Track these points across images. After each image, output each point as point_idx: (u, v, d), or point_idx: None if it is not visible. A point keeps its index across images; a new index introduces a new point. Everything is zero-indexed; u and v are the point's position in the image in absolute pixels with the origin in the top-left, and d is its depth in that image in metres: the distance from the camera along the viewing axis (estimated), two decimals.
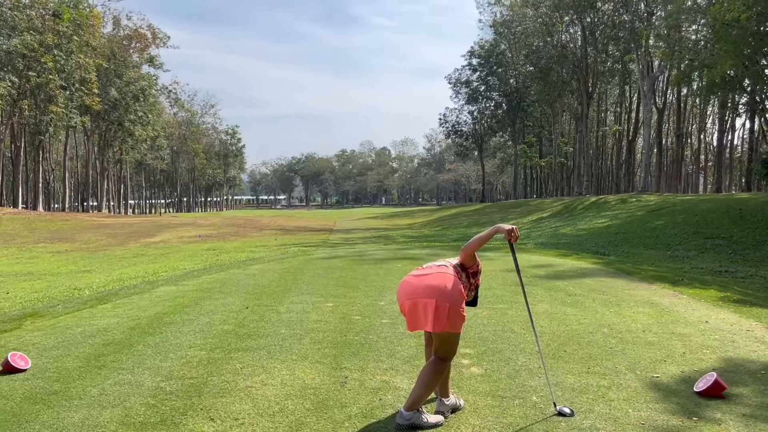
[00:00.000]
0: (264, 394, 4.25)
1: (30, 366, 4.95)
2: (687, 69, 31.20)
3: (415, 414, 3.57)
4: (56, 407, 4.03)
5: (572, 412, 3.85)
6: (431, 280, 3.70)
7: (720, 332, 5.96)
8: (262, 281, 9.79)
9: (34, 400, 4.17)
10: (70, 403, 4.12)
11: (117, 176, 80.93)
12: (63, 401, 4.15)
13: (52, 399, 4.20)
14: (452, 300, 3.60)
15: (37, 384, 4.53)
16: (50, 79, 49.41)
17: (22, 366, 4.87)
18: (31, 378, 4.68)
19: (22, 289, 13.37)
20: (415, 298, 3.68)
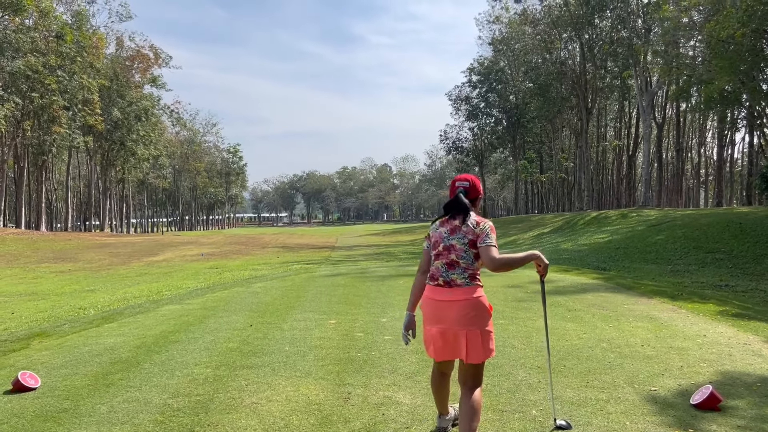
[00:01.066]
0: (269, 410, 4.34)
1: (40, 384, 5.05)
2: (685, 84, 31.50)
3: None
4: (67, 425, 4.13)
5: (569, 424, 3.92)
6: (460, 307, 3.42)
7: (718, 346, 6.05)
8: (265, 299, 9.89)
9: (45, 418, 4.27)
10: (80, 420, 4.21)
11: (119, 195, 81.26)
12: (73, 419, 4.24)
13: (62, 417, 4.29)
14: (482, 325, 3.43)
15: (47, 402, 4.62)
16: (53, 100, 49.88)
17: (32, 385, 4.97)
18: (41, 396, 4.78)
19: (27, 309, 13.48)
20: (443, 326, 3.46)
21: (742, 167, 67.71)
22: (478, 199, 3.72)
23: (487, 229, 3.47)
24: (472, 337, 3.37)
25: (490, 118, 73.80)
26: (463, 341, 3.38)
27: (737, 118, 37.65)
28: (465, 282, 3.46)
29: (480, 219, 3.56)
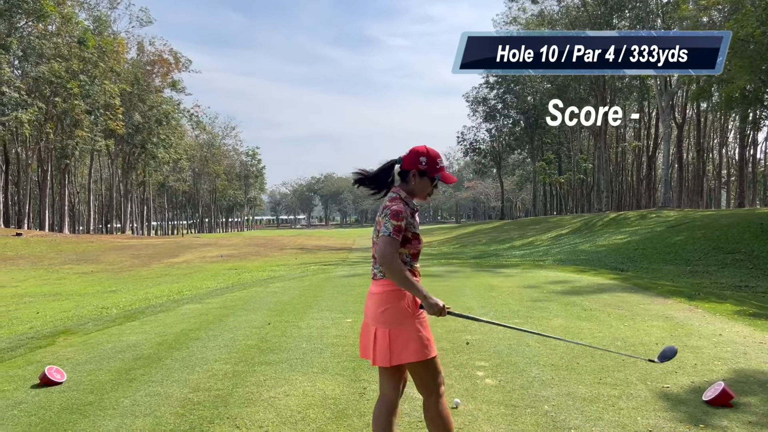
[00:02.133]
0: (287, 404, 4.46)
1: (66, 379, 5.22)
2: (705, 84, 31.18)
3: None
4: (92, 417, 4.28)
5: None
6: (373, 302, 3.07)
7: (733, 345, 6.05)
8: (283, 298, 10.03)
9: (71, 410, 4.42)
10: (104, 412, 4.36)
11: (140, 198, 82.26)
12: (98, 411, 4.39)
13: (87, 409, 4.45)
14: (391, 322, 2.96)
15: (72, 396, 4.78)
16: (76, 105, 50.67)
17: (58, 379, 5.14)
18: (67, 390, 4.94)
19: (51, 308, 13.76)
20: (365, 320, 3.16)
21: (765, 167, 66.75)
22: (411, 173, 3.07)
23: (387, 215, 2.92)
24: (379, 335, 2.95)
25: (507, 119, 73.59)
26: (372, 339, 3.03)
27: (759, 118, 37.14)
28: (381, 274, 3.03)
29: (391, 201, 3.00)
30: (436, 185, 3.09)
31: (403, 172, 3.10)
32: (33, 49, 48.78)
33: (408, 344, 2.91)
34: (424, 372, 2.99)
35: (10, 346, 6.78)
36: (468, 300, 9.34)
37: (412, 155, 3.07)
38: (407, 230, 2.96)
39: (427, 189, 3.10)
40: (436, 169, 3.07)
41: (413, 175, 3.07)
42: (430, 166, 3.06)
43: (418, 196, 3.13)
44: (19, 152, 56.27)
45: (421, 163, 3.05)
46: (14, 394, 4.90)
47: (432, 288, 10.82)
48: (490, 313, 8.03)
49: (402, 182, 3.11)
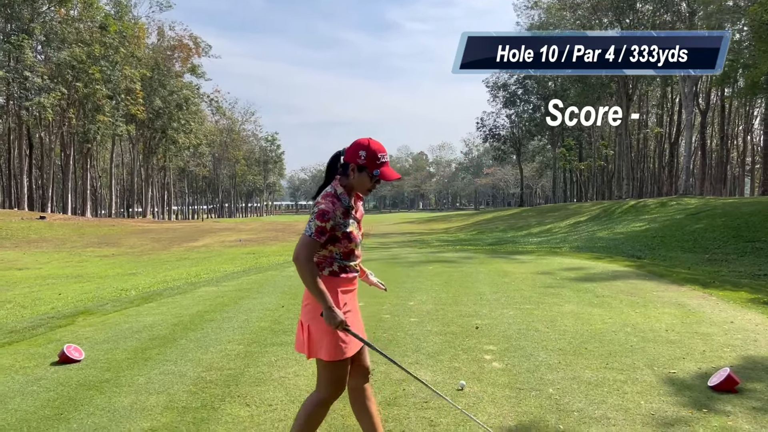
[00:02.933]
0: (296, 383, 4.57)
1: (83, 357, 5.38)
2: (729, 69, 30.62)
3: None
4: (108, 393, 4.42)
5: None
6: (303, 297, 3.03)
7: (744, 332, 6.03)
8: (297, 282, 10.14)
9: (88, 387, 4.57)
10: (120, 389, 4.50)
11: (161, 183, 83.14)
12: (114, 388, 4.54)
13: (104, 386, 4.59)
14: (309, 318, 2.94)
15: (90, 373, 4.94)
16: (97, 89, 51.24)
17: (76, 357, 5.30)
18: (85, 368, 5.10)
19: (72, 290, 14.06)
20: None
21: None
22: (351, 167, 2.93)
23: (314, 214, 2.86)
24: (303, 328, 2.96)
25: (528, 105, 73.02)
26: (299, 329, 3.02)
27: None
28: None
29: (323, 198, 2.90)
30: (377, 181, 2.92)
31: (344, 164, 2.96)
32: (55, 34, 49.36)
33: (321, 341, 2.88)
34: (325, 371, 2.95)
35: (32, 325, 6.99)
36: (481, 286, 9.39)
37: (353, 148, 2.92)
38: (335, 230, 2.87)
39: (366, 185, 2.94)
40: (376, 165, 2.89)
41: (352, 170, 2.92)
42: (370, 161, 2.88)
43: (357, 191, 3.00)
44: (43, 137, 57.20)
45: (360, 157, 2.88)
46: (34, 370, 5.07)
47: (445, 274, 10.90)
48: (501, 299, 8.07)
49: (343, 175, 2.96)
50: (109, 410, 4.06)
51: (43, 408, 4.13)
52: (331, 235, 2.87)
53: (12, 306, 11.24)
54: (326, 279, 2.89)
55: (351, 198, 2.97)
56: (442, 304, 7.75)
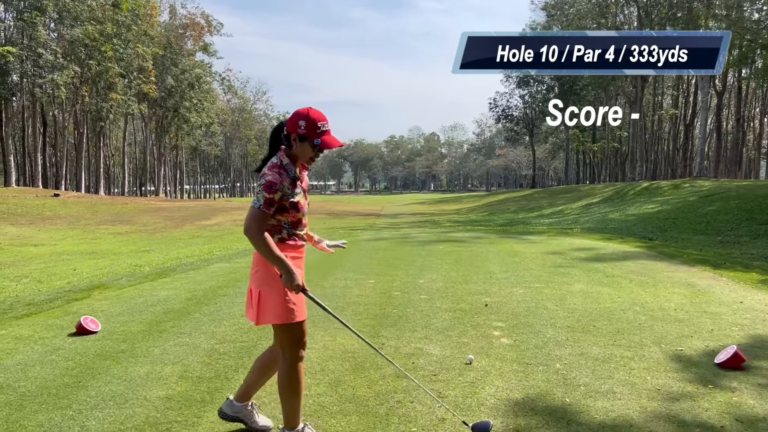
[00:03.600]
0: (308, 356, 4.62)
1: (100, 329, 5.50)
2: (747, 50, 30.15)
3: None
4: (124, 363, 4.53)
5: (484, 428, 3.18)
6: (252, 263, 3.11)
7: (753, 312, 6.05)
8: (308, 259, 10.18)
9: (105, 357, 4.69)
10: (136, 360, 4.61)
11: (173, 162, 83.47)
12: (130, 358, 4.65)
13: (120, 356, 4.71)
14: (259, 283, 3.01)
15: (106, 344, 5.06)
16: (110, 68, 51.34)
17: (93, 329, 5.43)
18: (101, 339, 5.22)
19: (87, 266, 14.26)
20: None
21: None
22: (296, 137, 2.94)
23: (261, 185, 2.88)
24: (253, 294, 3.03)
25: (541, 86, 72.33)
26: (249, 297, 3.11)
27: None
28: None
29: (269, 169, 2.92)
30: (320, 150, 2.94)
31: (286, 135, 2.97)
32: (68, 11, 49.35)
33: (273, 307, 2.94)
34: (283, 335, 3.03)
35: (49, 298, 7.13)
36: (490, 265, 9.43)
37: (293, 118, 2.94)
38: (283, 200, 2.91)
39: (308, 154, 2.97)
40: (316, 134, 2.91)
41: (294, 140, 2.94)
42: (310, 130, 2.90)
43: (301, 161, 3.03)
44: (56, 115, 57.48)
45: (300, 127, 2.90)
46: (53, 341, 5.20)
47: (454, 253, 10.95)
48: (511, 278, 8.12)
49: (287, 146, 2.98)
50: (126, 379, 4.16)
51: (62, 376, 4.25)
52: (280, 205, 2.91)
53: (29, 281, 11.45)
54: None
55: (296, 168, 3.00)
56: (451, 283, 7.81)
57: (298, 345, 3.06)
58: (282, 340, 3.05)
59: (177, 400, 3.77)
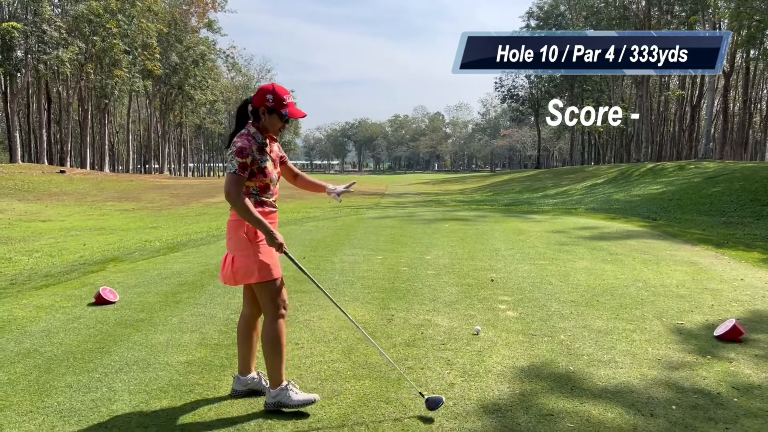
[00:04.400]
0: (320, 326, 4.83)
1: (118, 299, 5.68)
2: (755, 30, 29.93)
3: (281, 392, 3.25)
4: (144, 331, 4.71)
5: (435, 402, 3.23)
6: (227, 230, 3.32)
7: (753, 288, 6.20)
8: (317, 236, 10.41)
9: (125, 326, 4.87)
10: (155, 328, 4.79)
11: (177, 139, 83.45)
12: (149, 327, 4.83)
13: (139, 325, 4.88)
14: (233, 249, 3.25)
15: (125, 313, 5.24)
16: (114, 44, 51.15)
17: (111, 299, 5.61)
18: (120, 309, 5.40)
19: (96, 241, 14.46)
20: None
21: None
22: (260, 110, 3.20)
23: (233, 152, 3.11)
24: (228, 259, 3.26)
25: None
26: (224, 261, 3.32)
27: None
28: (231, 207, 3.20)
29: (238, 137, 3.16)
30: (287, 120, 3.21)
31: (254, 110, 3.23)
32: None
33: (249, 268, 3.17)
34: (262, 293, 3.26)
35: (65, 270, 7.32)
36: (496, 242, 9.58)
37: (259, 93, 3.19)
38: (253, 164, 3.14)
39: (277, 124, 3.23)
40: (283, 105, 3.18)
41: (262, 113, 3.19)
42: (277, 102, 3.17)
43: (270, 132, 3.27)
44: (61, 91, 57.42)
45: (267, 100, 3.17)
46: (73, 310, 5.38)
47: (460, 231, 11.10)
48: (516, 255, 8.27)
49: (255, 120, 3.24)
50: (147, 346, 4.34)
51: (85, 342, 4.43)
52: (250, 169, 3.14)
53: (40, 255, 11.64)
54: None
55: (264, 137, 3.24)
56: (458, 259, 7.97)
57: (276, 301, 3.28)
58: (262, 298, 3.28)
59: (197, 365, 3.95)
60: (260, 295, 3.28)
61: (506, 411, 3.25)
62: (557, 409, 3.27)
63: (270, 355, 3.28)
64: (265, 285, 3.23)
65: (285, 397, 3.22)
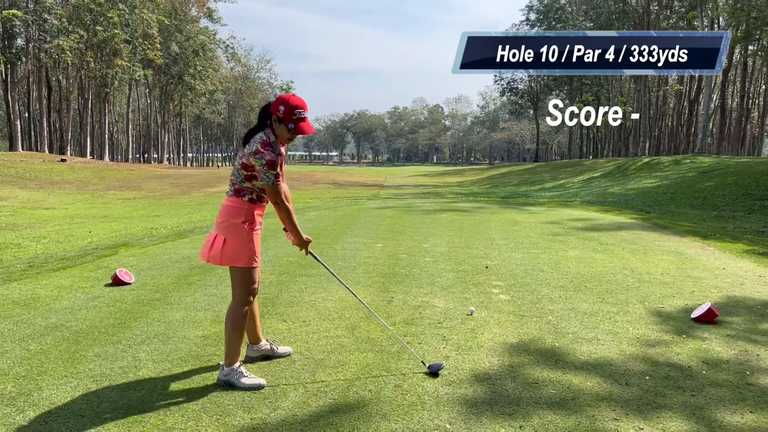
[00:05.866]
0: (325, 306, 5.17)
1: (134, 280, 6.01)
2: (751, 27, 30.19)
3: (233, 371, 3.48)
4: (160, 309, 5.05)
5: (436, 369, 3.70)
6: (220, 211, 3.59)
7: (733, 277, 6.55)
8: (318, 225, 10.75)
9: (142, 304, 5.20)
10: (170, 306, 5.13)
11: (176, 129, 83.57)
12: (165, 306, 5.16)
13: (156, 303, 5.22)
14: (225, 232, 3.47)
15: (141, 293, 5.57)
16: (115, 33, 51.29)
17: (127, 280, 5.94)
18: (136, 289, 5.74)
19: (102, 229, 14.78)
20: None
21: None
22: (276, 119, 3.43)
23: (263, 164, 3.35)
24: (217, 240, 3.47)
25: None
26: (211, 242, 3.52)
27: None
28: (230, 193, 3.53)
29: (263, 147, 3.37)
30: (292, 133, 3.42)
31: (269, 114, 3.47)
32: None
33: (237, 252, 3.44)
34: (239, 278, 3.52)
35: (80, 254, 7.65)
36: (492, 232, 9.93)
37: (276, 102, 3.42)
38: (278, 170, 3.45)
39: (284, 135, 3.46)
40: (292, 119, 3.39)
41: (274, 120, 3.44)
42: (286, 115, 3.38)
43: (280, 140, 3.51)
44: (61, 80, 57.53)
45: (279, 110, 3.39)
46: (91, 290, 5.71)
47: (457, 221, 11.45)
48: (510, 244, 8.62)
49: (269, 126, 3.49)
50: (165, 322, 4.68)
51: (107, 318, 4.77)
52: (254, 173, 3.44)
53: (48, 241, 11.96)
54: (245, 204, 3.48)
55: (277, 144, 3.51)
56: (454, 247, 8.31)
57: (249, 288, 3.56)
58: (237, 281, 3.54)
59: (213, 339, 4.29)
60: (237, 279, 3.53)
61: (495, 380, 3.60)
62: (542, 379, 3.62)
63: (230, 334, 3.52)
64: (246, 271, 3.50)
65: (235, 378, 3.47)
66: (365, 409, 3.20)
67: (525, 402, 3.29)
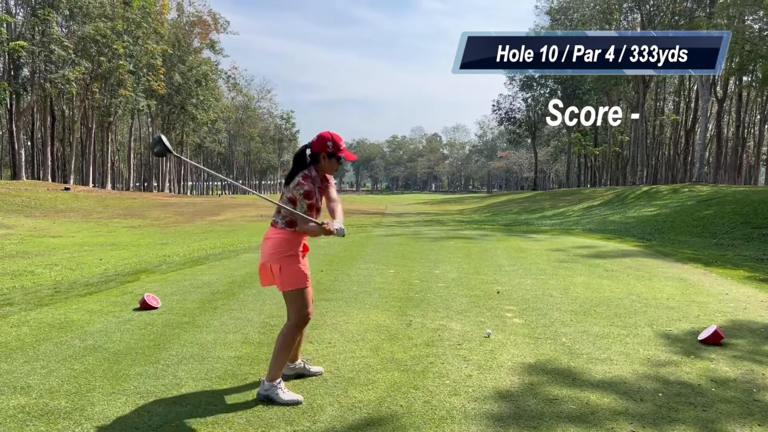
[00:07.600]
0: (347, 328, 5.40)
1: (161, 305, 6.25)
2: (745, 60, 30.91)
3: (273, 387, 3.72)
4: (191, 332, 5.28)
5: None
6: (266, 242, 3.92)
7: (736, 302, 6.80)
8: (330, 251, 11.01)
9: (172, 327, 5.43)
10: (200, 329, 5.36)
11: (177, 158, 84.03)
12: (194, 329, 5.39)
13: (185, 326, 5.45)
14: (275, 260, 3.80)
15: (169, 317, 5.80)
16: (120, 64, 52.13)
17: (154, 304, 6.17)
18: (164, 313, 5.97)
19: (112, 256, 15.00)
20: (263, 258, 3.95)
21: None
22: (321, 155, 3.84)
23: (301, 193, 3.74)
24: (275, 270, 3.80)
25: (544, 89, 73.11)
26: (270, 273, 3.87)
27: None
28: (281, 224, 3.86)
29: (304, 179, 3.76)
30: (341, 163, 3.90)
31: (314, 154, 3.88)
32: (80, 8, 50.12)
33: (291, 277, 3.80)
34: (293, 300, 3.85)
35: (103, 280, 7.89)
36: (499, 259, 10.18)
37: (320, 140, 3.85)
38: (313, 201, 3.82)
39: (334, 167, 3.93)
40: (340, 150, 3.89)
41: (323, 157, 3.86)
42: (335, 148, 3.87)
43: (327, 173, 3.95)
44: (65, 110, 58.25)
45: (328, 147, 3.85)
46: (121, 314, 5.94)
47: (465, 248, 11.71)
48: (519, 270, 8.87)
49: (314, 163, 3.88)
50: (197, 344, 4.91)
51: (142, 340, 4.99)
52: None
53: (60, 268, 12.16)
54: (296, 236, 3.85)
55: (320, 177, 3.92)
56: (465, 273, 8.56)
57: (304, 308, 3.86)
58: (293, 304, 3.86)
59: (246, 359, 4.52)
60: (294, 300, 3.85)
61: (517, 396, 3.83)
62: (561, 396, 3.85)
63: (279, 353, 3.80)
64: (299, 292, 3.83)
65: (275, 393, 3.71)
66: (399, 422, 3.43)
67: (547, 416, 3.52)
